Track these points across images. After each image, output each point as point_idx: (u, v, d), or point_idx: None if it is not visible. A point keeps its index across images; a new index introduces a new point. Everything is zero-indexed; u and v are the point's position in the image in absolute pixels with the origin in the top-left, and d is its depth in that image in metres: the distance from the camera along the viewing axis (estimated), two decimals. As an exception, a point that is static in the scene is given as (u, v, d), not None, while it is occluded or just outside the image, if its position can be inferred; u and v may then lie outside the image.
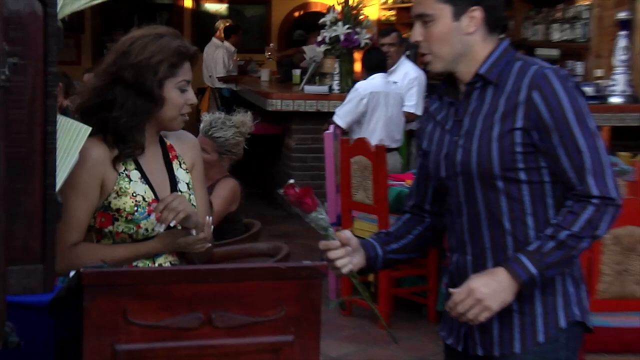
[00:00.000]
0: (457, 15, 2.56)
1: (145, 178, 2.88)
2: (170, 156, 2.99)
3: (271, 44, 13.69)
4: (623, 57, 8.50)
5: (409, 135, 7.97)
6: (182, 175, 2.98)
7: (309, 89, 9.48)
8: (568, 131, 2.47)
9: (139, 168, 2.88)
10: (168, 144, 3.00)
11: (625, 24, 8.58)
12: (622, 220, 3.70)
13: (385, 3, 14.78)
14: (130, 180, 2.85)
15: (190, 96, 2.91)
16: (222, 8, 15.67)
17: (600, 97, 8.61)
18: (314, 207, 2.54)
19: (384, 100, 7.27)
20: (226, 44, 12.71)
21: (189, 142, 3.08)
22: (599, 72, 9.08)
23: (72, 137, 1.97)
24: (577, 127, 2.47)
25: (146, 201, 2.85)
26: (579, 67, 9.72)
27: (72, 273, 2.11)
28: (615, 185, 2.51)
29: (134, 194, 2.84)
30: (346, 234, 2.67)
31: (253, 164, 11.39)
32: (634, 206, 3.83)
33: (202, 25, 15.00)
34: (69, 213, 2.74)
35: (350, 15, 9.20)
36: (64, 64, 11.57)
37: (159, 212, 2.76)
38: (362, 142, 6.16)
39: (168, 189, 2.91)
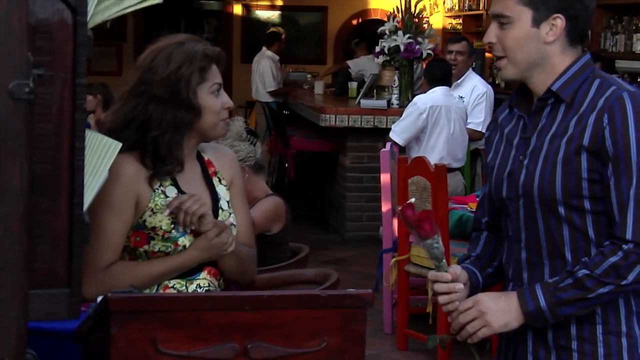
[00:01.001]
0: (538, 21, 2.56)
1: (182, 194, 2.92)
2: (210, 172, 3.04)
3: (308, 76, 13.72)
4: None
5: (474, 154, 7.94)
6: (222, 192, 3.04)
7: (366, 103, 9.49)
8: (625, 163, 2.43)
9: (175, 184, 2.93)
10: (206, 158, 3.06)
11: None
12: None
13: (451, 10, 14.77)
14: (167, 196, 2.90)
15: (226, 99, 2.98)
16: (274, 15, 15.80)
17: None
18: (431, 234, 2.54)
19: (445, 115, 7.24)
20: (269, 52, 12.82)
21: (227, 157, 3.14)
22: (685, 88, 8.91)
23: (101, 153, 2.01)
24: (636, 161, 2.42)
25: None
26: (663, 82, 9.58)
27: (99, 298, 2.15)
28: None
29: (175, 212, 2.87)
30: (457, 269, 2.66)
31: (305, 184, 11.46)
32: None
33: (252, 34, 15.12)
34: (103, 233, 2.80)
35: (411, 24, 9.20)
36: (103, 75, 11.77)
37: (172, 209, 2.83)
38: (421, 161, 6.15)
39: (209, 206, 2.95)
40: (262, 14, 15.80)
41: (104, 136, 2.03)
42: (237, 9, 15.77)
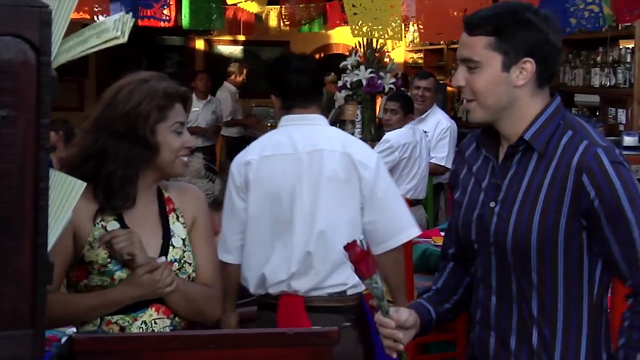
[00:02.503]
0: (507, 65, 2.52)
1: (125, 228, 2.92)
2: (167, 209, 3.03)
3: (271, 111, 13.69)
4: (670, 105, 8.27)
5: (437, 188, 7.97)
6: (178, 229, 3.02)
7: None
8: (622, 219, 2.43)
9: (119, 219, 2.93)
10: (167, 196, 3.05)
11: (672, 68, 8.31)
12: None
13: (412, 43, 14.87)
14: (107, 231, 2.90)
15: (187, 138, 2.98)
16: (236, 50, 15.83)
17: (646, 148, 8.36)
18: (367, 275, 2.53)
19: (418, 151, 7.28)
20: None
21: (191, 195, 3.13)
22: (643, 121, 8.97)
23: (65, 193, 2.00)
24: (631, 215, 2.43)
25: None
26: (622, 115, 9.65)
27: (64, 339, 2.14)
28: None
29: (108, 245, 2.88)
30: (402, 315, 2.63)
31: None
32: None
33: (215, 68, 15.13)
34: None
35: (373, 59, 9.25)
36: (65, 110, 11.67)
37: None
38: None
39: (158, 243, 2.96)
40: (225, 49, 15.84)
41: (68, 176, 2.02)
42: (200, 44, 15.80)
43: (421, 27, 7.57)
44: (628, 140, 8.36)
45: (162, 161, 2.94)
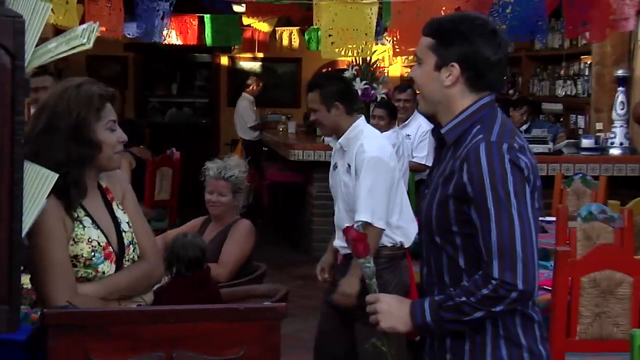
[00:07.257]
0: (438, 66, 2.47)
1: (95, 223, 2.79)
2: (109, 198, 2.90)
3: (283, 118, 13.51)
4: (621, 112, 8.50)
5: (419, 184, 7.89)
6: (121, 215, 2.90)
7: (329, 140, 9.40)
8: (484, 209, 2.32)
9: (88, 214, 2.78)
10: (104, 186, 2.91)
11: (623, 81, 8.59)
12: (600, 264, 3.60)
13: (407, 59, 14.76)
14: (84, 226, 2.76)
15: (120, 134, 2.84)
16: (255, 66, 15.75)
17: (601, 149, 8.68)
18: (363, 254, 2.48)
19: (401, 151, 7.18)
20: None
21: (115, 177, 2.97)
22: (599, 125, 9.11)
23: (39, 184, 1.92)
24: (493, 207, 2.31)
25: (101, 246, 2.76)
26: (581, 121, 9.76)
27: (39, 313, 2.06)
28: (525, 273, 2.29)
29: (90, 240, 2.74)
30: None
31: (278, 210, 11.36)
32: (613, 252, 3.72)
33: (237, 81, 15.06)
34: (56, 261, 2.63)
35: (367, 72, 9.19)
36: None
37: None
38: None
39: (114, 232, 2.83)
40: (245, 65, 15.75)
41: (41, 167, 1.94)
42: (224, 60, 15.72)
43: (395, 43, 7.42)
44: (586, 142, 8.65)
45: (103, 157, 2.80)
